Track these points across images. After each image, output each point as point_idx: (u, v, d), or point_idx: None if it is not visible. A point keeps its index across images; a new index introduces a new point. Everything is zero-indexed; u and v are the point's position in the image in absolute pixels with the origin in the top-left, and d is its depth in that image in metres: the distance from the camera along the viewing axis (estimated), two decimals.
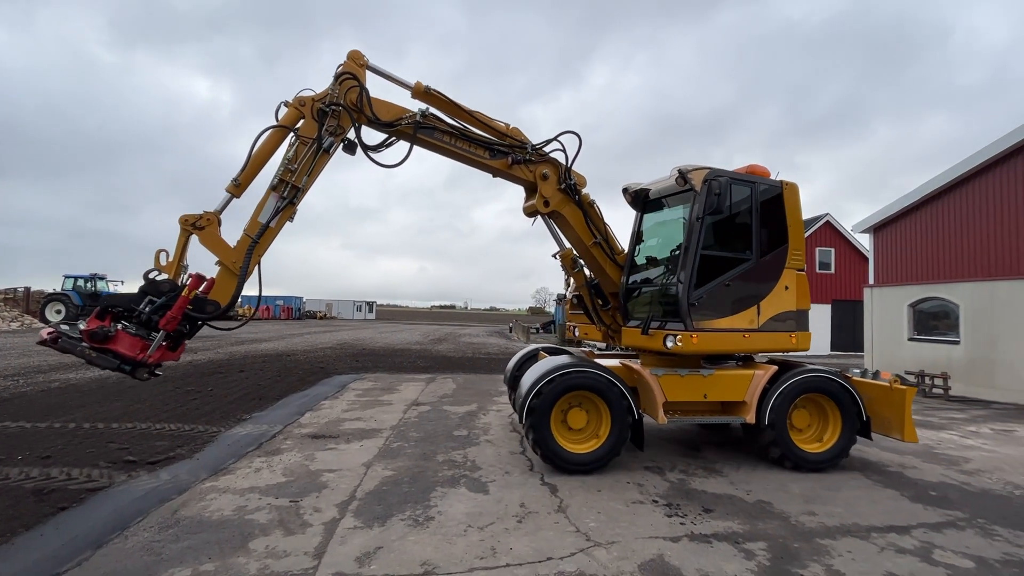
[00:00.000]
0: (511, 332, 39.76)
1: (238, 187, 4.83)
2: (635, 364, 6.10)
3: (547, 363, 5.71)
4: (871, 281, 14.97)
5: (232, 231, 4.85)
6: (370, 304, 67.02)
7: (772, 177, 6.15)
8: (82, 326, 4.29)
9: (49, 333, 4.38)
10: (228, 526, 4.00)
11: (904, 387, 5.92)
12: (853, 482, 5.37)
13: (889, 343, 14.15)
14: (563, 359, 5.85)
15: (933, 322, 13.12)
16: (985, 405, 10.56)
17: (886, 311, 14.32)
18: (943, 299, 12.67)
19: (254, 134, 4.85)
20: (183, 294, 4.48)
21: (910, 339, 13.53)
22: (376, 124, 5.27)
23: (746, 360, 6.33)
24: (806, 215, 6.81)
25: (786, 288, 6.01)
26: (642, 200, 6.78)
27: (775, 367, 6.01)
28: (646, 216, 6.88)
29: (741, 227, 5.95)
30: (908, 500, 4.87)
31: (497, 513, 4.34)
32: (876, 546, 3.88)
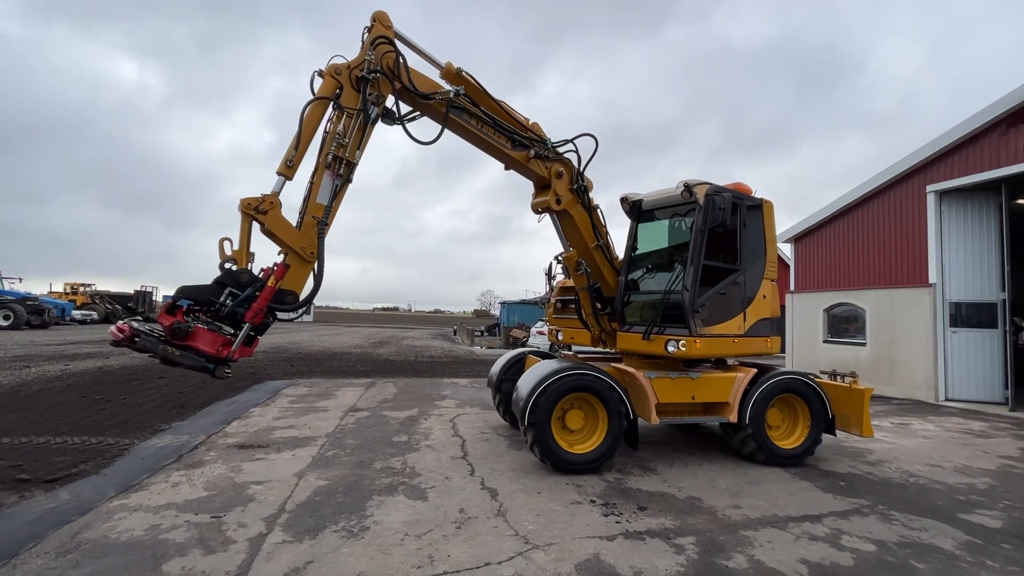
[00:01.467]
0: (455, 335, 39.45)
1: (291, 168, 4.52)
2: (626, 367, 6.20)
3: (547, 366, 5.76)
4: (792, 288, 16.14)
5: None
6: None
7: (753, 194, 6.54)
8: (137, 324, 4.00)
9: (121, 331, 3.96)
10: (139, 548, 3.67)
11: (863, 388, 6.48)
12: (773, 475, 5.73)
13: (807, 345, 15.30)
14: (562, 363, 5.91)
15: (845, 325, 14.33)
16: (886, 401, 11.64)
17: (804, 315, 15.48)
18: (852, 305, 13.87)
19: (187, 124, 4.58)
20: (269, 284, 4.23)
21: (825, 341, 14.69)
22: (411, 93, 5.04)
23: (718, 363, 6.65)
24: None
25: (764, 297, 6.47)
26: (639, 210, 6.96)
27: (755, 370, 6.37)
28: (641, 226, 7.05)
29: (732, 240, 6.28)
30: (820, 491, 5.27)
31: (436, 520, 4.27)
32: (792, 535, 4.16)
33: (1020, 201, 12.52)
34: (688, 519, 4.42)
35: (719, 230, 5.95)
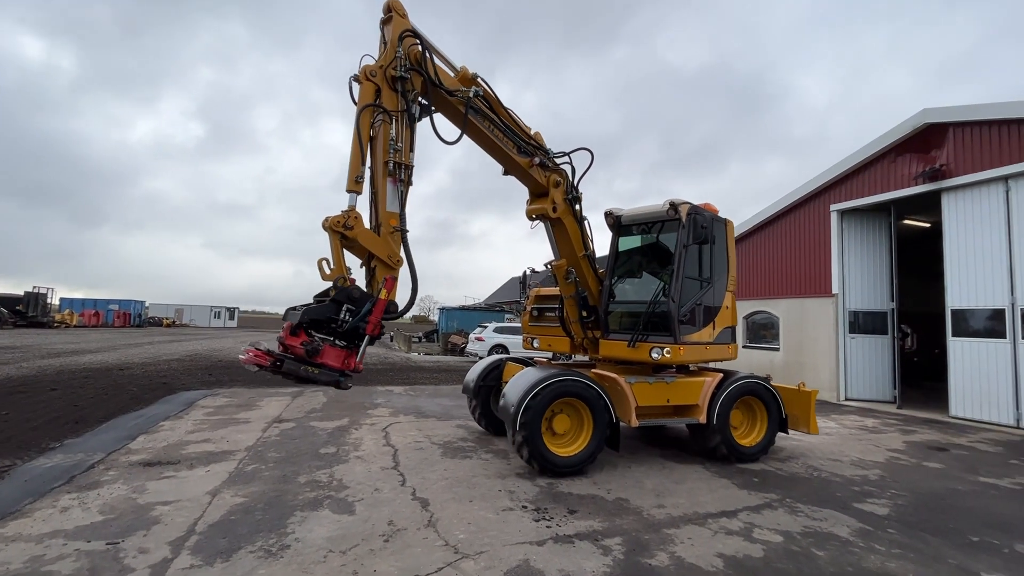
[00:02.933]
0: (392, 341, 38.48)
1: (360, 183, 4.65)
2: (608, 373, 6.37)
3: (535, 372, 5.92)
4: None
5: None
6: (231, 310, 60.27)
7: (717, 212, 7.00)
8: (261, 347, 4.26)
9: (259, 357, 4.24)
10: None
11: (810, 390, 7.16)
12: (695, 474, 6.04)
13: None
14: (550, 369, 6.10)
15: (762, 332, 15.42)
16: None
17: None
18: (769, 312, 14.97)
19: (101, 110, 4.22)
20: (382, 297, 4.52)
21: (744, 346, 15.73)
22: (435, 88, 5.09)
23: (680, 369, 6.94)
24: None
25: (727, 307, 6.97)
26: (622, 224, 7.23)
27: (721, 374, 6.80)
28: (622, 239, 7.32)
29: (706, 255, 6.68)
30: (736, 487, 5.61)
31: (363, 534, 4.11)
32: (711, 530, 4.39)
33: (906, 221, 14.08)
34: (616, 520, 4.54)
35: (700, 245, 6.39)
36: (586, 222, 6.65)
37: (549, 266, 6.82)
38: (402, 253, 4.92)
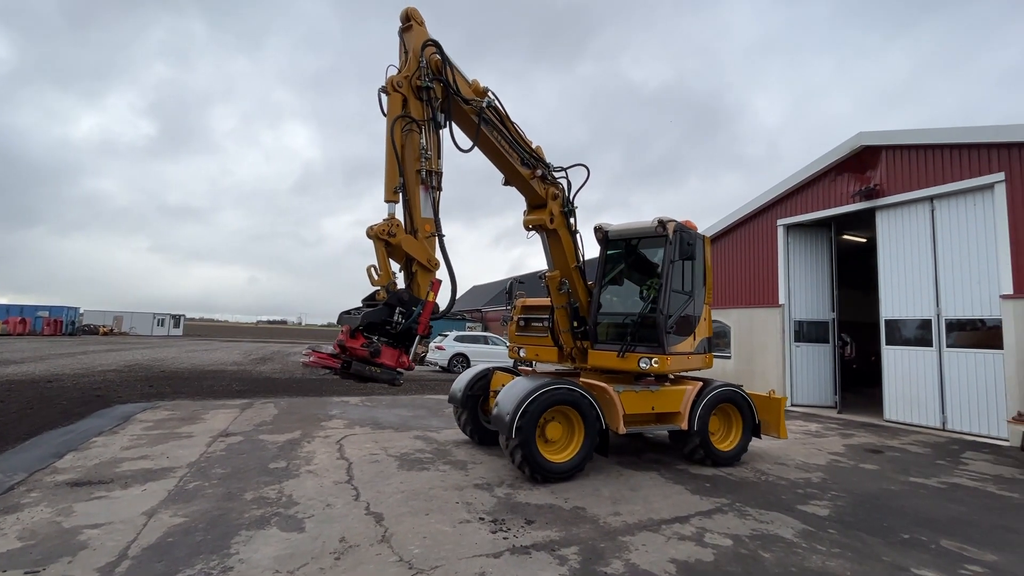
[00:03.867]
0: None
1: (397, 194, 4.86)
2: (597, 382, 6.54)
3: (529, 382, 6.01)
4: None
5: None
6: (176, 318, 57.18)
7: (696, 229, 7.30)
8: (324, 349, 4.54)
9: (323, 359, 4.60)
10: None
11: (780, 397, 7.60)
12: (650, 481, 6.15)
13: None
14: (542, 378, 6.17)
15: (716, 340, 15.96)
16: None
17: None
18: (721, 322, 15.52)
19: (39, 104, 3.98)
20: (429, 300, 4.81)
21: None
22: (454, 96, 5.27)
23: (659, 378, 7.12)
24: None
25: (704, 319, 7.30)
26: (611, 239, 7.46)
27: (701, 383, 7.08)
28: (611, 253, 7.54)
29: (688, 269, 6.94)
30: (690, 493, 5.75)
31: (312, 552, 3.94)
32: (664, 536, 4.47)
33: (846, 236, 14.98)
34: (573, 529, 4.56)
35: (687, 261, 6.68)
36: (579, 235, 6.92)
37: (543, 277, 6.99)
38: (439, 256, 5.14)
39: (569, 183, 6.65)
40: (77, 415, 8.92)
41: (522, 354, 7.83)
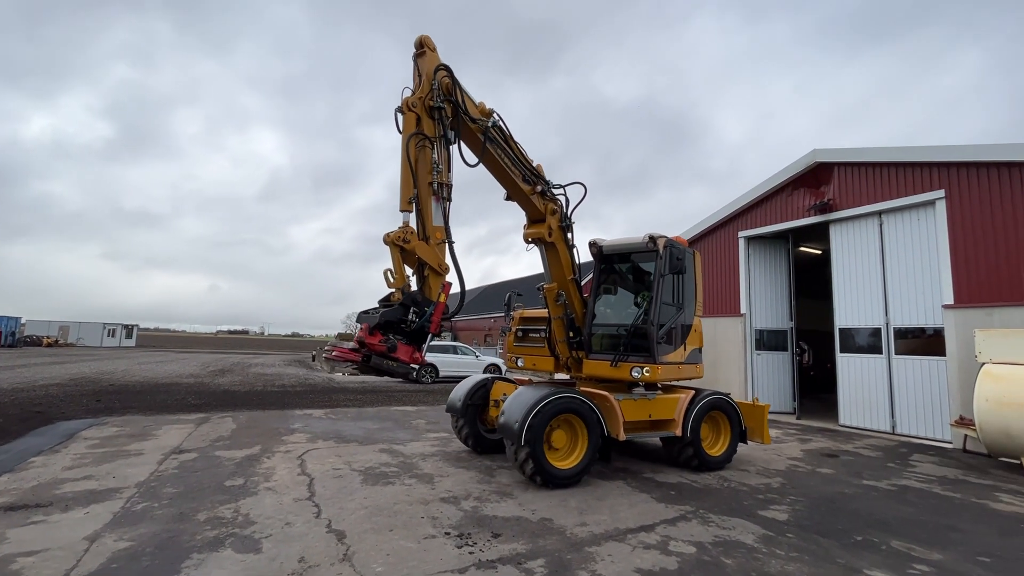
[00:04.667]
0: (314, 360, 36.54)
1: (411, 203, 5.29)
2: (598, 390, 6.74)
3: (534, 391, 6.23)
4: None
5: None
6: (128, 328, 54.49)
7: (686, 245, 7.67)
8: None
9: (344, 353, 5.22)
10: None
11: (763, 404, 7.95)
12: (617, 490, 6.19)
13: None
14: (546, 388, 6.41)
15: None
16: None
17: None
18: None
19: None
20: (440, 301, 5.24)
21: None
22: (463, 115, 5.71)
23: (649, 387, 7.27)
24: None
25: (695, 330, 7.56)
26: (605, 254, 7.69)
27: (693, 391, 7.41)
28: (605, 267, 7.77)
29: (677, 283, 7.22)
30: (655, 501, 5.81)
31: (269, 574, 3.78)
32: (630, 546, 4.49)
33: (802, 248, 15.61)
34: (539, 541, 4.53)
35: (676, 275, 6.98)
36: (575, 249, 7.27)
37: (541, 289, 7.30)
38: (449, 261, 5.59)
39: (567, 200, 7.03)
40: (14, 433, 8.35)
41: (520, 364, 8.01)
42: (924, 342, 10.48)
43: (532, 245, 7.11)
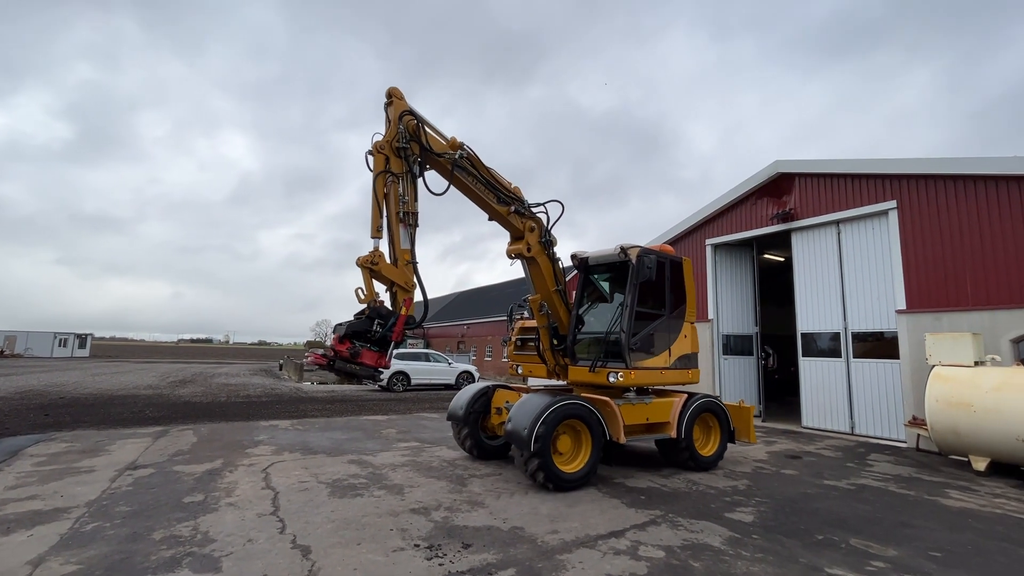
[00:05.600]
0: (281, 369, 35.57)
1: (380, 231, 5.95)
2: (598, 396, 7.00)
3: (540, 399, 6.47)
4: None
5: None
6: (82, 337, 51.94)
7: (674, 253, 7.99)
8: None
9: (318, 359, 5.92)
10: None
11: (748, 406, 8.43)
12: (588, 496, 6.21)
13: None
14: (550, 395, 6.62)
15: None
16: None
17: None
18: None
19: None
20: (403, 313, 5.80)
21: None
22: (427, 152, 6.27)
23: (640, 392, 7.69)
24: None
25: (685, 336, 7.78)
26: (586, 265, 8.02)
27: (686, 395, 7.78)
28: (587, 278, 8.10)
29: (659, 290, 7.54)
30: (625, 506, 5.85)
31: None
32: (600, 552, 4.51)
33: (766, 255, 16.12)
34: (510, 550, 4.50)
35: (649, 282, 7.15)
36: (559, 262, 7.56)
37: (526, 300, 7.70)
38: (415, 279, 6.14)
39: (548, 217, 7.38)
40: None
41: (520, 371, 8.35)
42: (880, 345, 10.95)
43: (516, 260, 7.44)
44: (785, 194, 12.92)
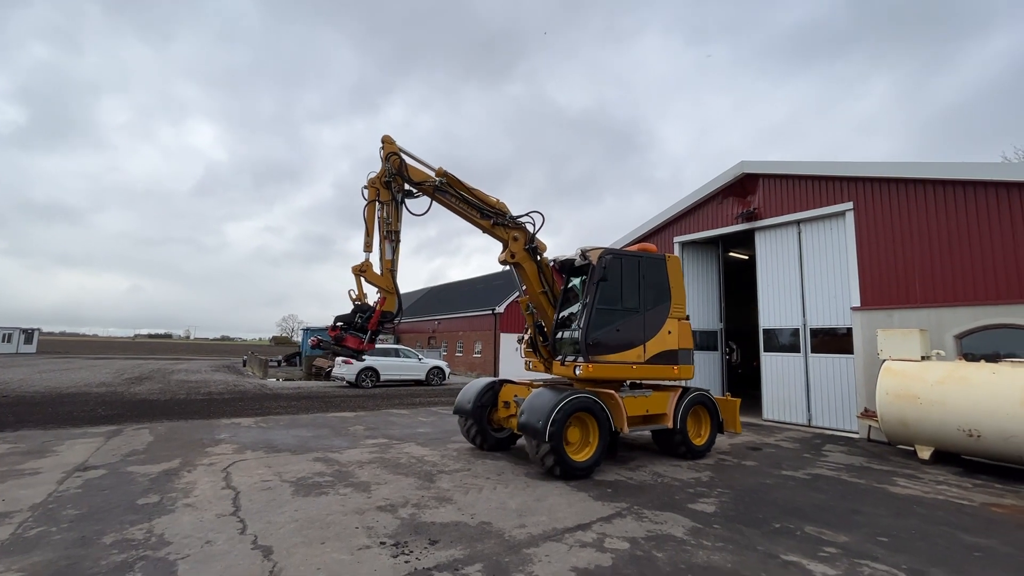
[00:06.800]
0: (244, 366, 34.55)
1: (369, 247, 7.07)
2: (604, 389, 7.53)
3: (550, 393, 6.97)
4: None
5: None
6: (28, 332, 49.17)
7: (658, 252, 8.32)
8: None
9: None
10: None
11: (734, 399, 8.99)
12: (556, 490, 6.27)
13: None
14: (560, 390, 7.08)
15: None
16: None
17: None
18: None
19: None
20: (378, 309, 6.98)
21: None
22: (410, 183, 7.35)
23: (634, 386, 8.32)
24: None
25: (669, 332, 7.99)
26: (567, 268, 8.44)
27: (681, 389, 8.34)
28: (568, 280, 8.56)
29: (630, 288, 7.81)
30: (592, 499, 5.94)
31: None
32: (567, 545, 4.56)
33: (731, 253, 16.57)
34: (477, 545, 4.50)
35: (616, 281, 7.62)
36: (548, 266, 8.29)
37: (518, 301, 8.47)
38: (394, 284, 7.20)
39: (534, 225, 8.06)
40: None
41: (530, 366, 8.86)
42: (836, 341, 11.42)
43: (507, 265, 8.15)
44: (750, 194, 13.29)
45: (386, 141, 7.34)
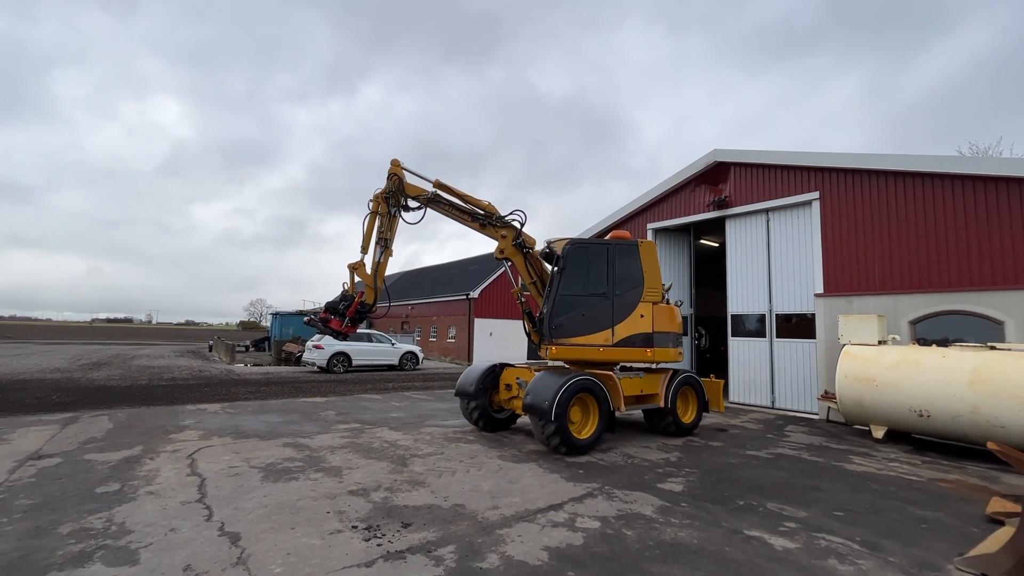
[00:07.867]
0: (211, 351, 33.60)
1: (365, 250, 8.01)
2: (603, 371, 7.94)
3: (555, 375, 7.33)
4: None
5: None
6: None
7: (631, 239, 8.54)
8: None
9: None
10: None
11: (718, 380, 9.55)
12: (530, 472, 6.34)
13: None
14: (563, 372, 7.50)
15: None
16: None
17: None
18: None
19: None
20: (356, 299, 7.94)
21: None
22: (407, 197, 8.28)
23: (624, 368, 8.70)
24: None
25: (641, 316, 8.06)
26: (548, 258, 8.94)
27: (672, 371, 8.94)
28: (554, 267, 8.74)
29: (597, 275, 8.08)
30: (564, 480, 6.03)
31: None
32: (539, 525, 4.62)
33: (702, 241, 16.87)
34: (450, 528, 4.51)
35: (583, 268, 8.06)
36: (538, 260, 8.93)
37: (514, 292, 9.21)
38: (378, 280, 8.06)
39: (522, 223, 8.66)
40: None
41: (538, 353, 9.19)
42: (800, 326, 11.82)
43: (502, 260, 8.84)
44: (722, 182, 13.51)
45: (393, 164, 8.36)
